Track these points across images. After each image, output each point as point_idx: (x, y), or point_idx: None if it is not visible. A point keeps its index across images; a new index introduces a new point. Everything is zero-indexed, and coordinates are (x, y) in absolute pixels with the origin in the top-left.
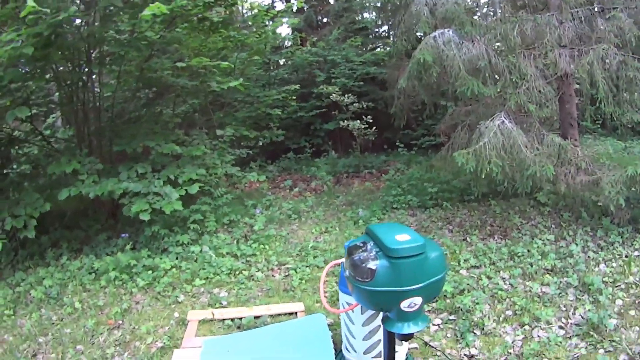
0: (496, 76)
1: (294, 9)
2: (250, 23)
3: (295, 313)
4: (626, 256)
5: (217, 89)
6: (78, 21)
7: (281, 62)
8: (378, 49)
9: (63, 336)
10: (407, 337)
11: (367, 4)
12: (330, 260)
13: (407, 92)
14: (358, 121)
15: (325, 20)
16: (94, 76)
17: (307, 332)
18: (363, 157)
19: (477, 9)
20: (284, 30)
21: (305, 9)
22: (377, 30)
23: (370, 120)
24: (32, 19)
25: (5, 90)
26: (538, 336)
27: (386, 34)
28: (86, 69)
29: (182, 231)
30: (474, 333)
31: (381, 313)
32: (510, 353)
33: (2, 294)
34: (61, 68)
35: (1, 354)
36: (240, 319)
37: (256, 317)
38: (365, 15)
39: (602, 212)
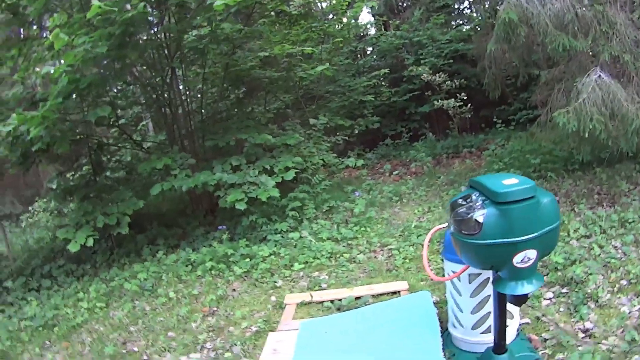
0: (586, 29)
1: None
2: (329, 13)
3: (399, 292)
4: None
5: (304, 76)
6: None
7: (368, 50)
8: (462, 26)
9: (155, 324)
10: (522, 300)
11: None
12: (435, 238)
13: (497, 60)
14: (453, 99)
15: (405, 4)
16: (178, 75)
17: (412, 310)
18: (461, 138)
19: None
20: (366, 16)
21: None
22: (458, 7)
23: (465, 98)
24: (100, 20)
25: (86, 93)
26: None
27: (468, 10)
28: (167, 69)
29: (281, 219)
30: (588, 306)
31: (491, 278)
32: (627, 325)
33: (96, 288)
34: (141, 68)
35: (90, 343)
36: (340, 300)
37: (357, 298)
38: None
39: None
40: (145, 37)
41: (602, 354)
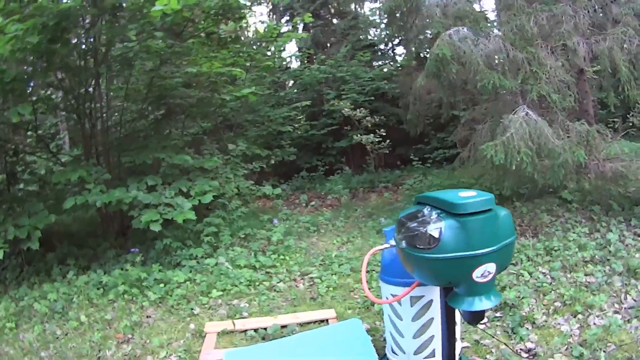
0: (516, 69)
1: (300, 28)
2: (258, 39)
3: (326, 320)
4: None
5: (228, 98)
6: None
7: (289, 83)
8: (384, 66)
9: (67, 350)
10: (479, 317)
11: (374, 19)
12: (358, 267)
13: (422, 97)
14: (372, 135)
15: (331, 40)
16: (101, 88)
17: (343, 338)
18: (377, 173)
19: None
20: (292, 48)
21: (311, 28)
22: (384, 48)
23: (384, 134)
24: (36, 7)
25: (8, 89)
26: (594, 323)
27: (393, 51)
28: (92, 79)
29: (196, 245)
30: (526, 327)
31: (438, 298)
32: (570, 342)
33: (5, 306)
34: (67, 74)
35: None
36: (265, 328)
37: (283, 327)
38: (372, 31)
39: (633, 202)
40: (75, 40)
41: None
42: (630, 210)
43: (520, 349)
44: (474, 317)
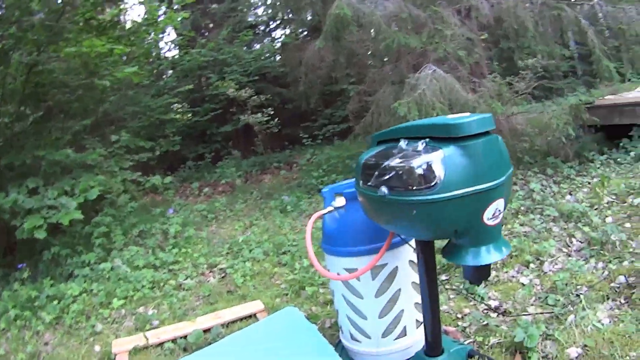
0: (420, 28)
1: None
2: (138, 24)
3: (254, 315)
4: (589, 183)
5: (108, 83)
6: None
7: (169, 71)
8: (267, 45)
9: None
10: (485, 274)
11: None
12: (271, 250)
13: (315, 68)
14: (260, 114)
15: (211, 25)
16: None
17: (284, 332)
18: (267, 155)
19: None
20: (169, 38)
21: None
22: (264, 28)
23: (272, 112)
24: None
25: None
26: (551, 270)
27: (273, 31)
28: None
29: (87, 250)
30: (481, 286)
31: (399, 270)
32: (538, 292)
33: None
34: None
35: None
36: (185, 337)
37: (205, 331)
38: (254, 12)
39: (543, 154)
40: None
41: (540, 322)
42: (544, 160)
43: (486, 310)
44: (480, 274)
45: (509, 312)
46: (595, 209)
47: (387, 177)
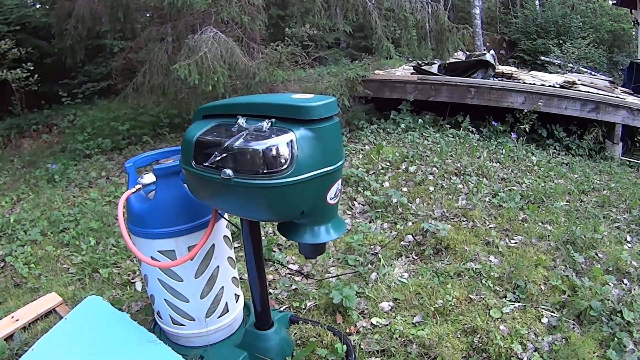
0: None
1: None
2: None
3: (53, 310)
4: (361, 150)
5: None
6: None
7: None
8: None
9: None
10: (321, 250)
11: None
12: (48, 229)
13: (86, 20)
14: (19, 70)
15: None
16: None
17: (95, 326)
18: (25, 116)
19: None
20: None
21: None
22: None
23: (32, 68)
24: None
25: None
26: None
27: None
28: None
29: None
30: (272, 250)
31: (216, 246)
32: (332, 254)
33: None
34: None
35: None
36: None
37: (6, 339)
38: None
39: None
40: None
41: (351, 282)
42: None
43: (290, 274)
44: (317, 250)
45: (312, 274)
46: (372, 174)
47: (230, 158)
